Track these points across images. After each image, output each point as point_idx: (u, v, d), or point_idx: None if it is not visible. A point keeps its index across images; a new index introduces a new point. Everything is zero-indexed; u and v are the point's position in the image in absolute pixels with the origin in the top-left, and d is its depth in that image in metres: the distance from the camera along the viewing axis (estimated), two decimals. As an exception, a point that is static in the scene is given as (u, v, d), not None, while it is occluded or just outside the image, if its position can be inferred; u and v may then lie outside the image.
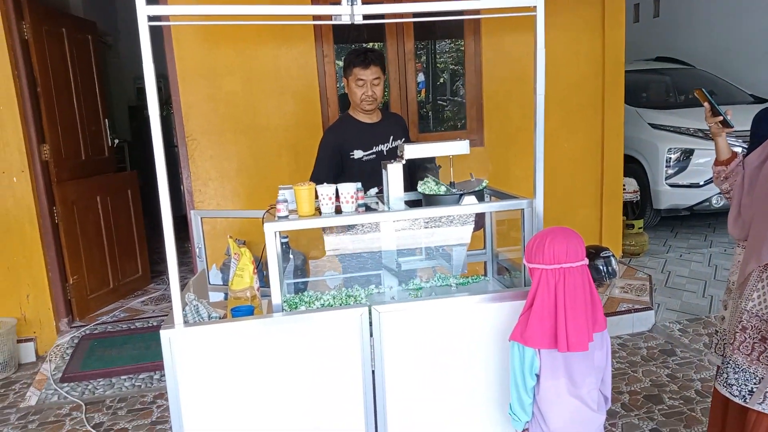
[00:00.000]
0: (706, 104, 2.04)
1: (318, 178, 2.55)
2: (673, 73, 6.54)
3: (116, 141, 4.73)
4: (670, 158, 5.21)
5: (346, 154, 2.64)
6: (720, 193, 5.03)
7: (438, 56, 6.47)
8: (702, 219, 5.82)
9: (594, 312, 1.65)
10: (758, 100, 5.82)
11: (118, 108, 6.82)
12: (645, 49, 7.97)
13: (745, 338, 1.89)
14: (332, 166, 2.62)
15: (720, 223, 5.69)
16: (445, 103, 6.46)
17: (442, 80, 6.50)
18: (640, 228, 4.85)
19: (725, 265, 4.53)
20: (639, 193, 5.18)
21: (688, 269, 4.51)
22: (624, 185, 4.72)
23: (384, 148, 2.69)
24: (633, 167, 5.37)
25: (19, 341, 3.64)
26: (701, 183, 5.12)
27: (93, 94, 4.32)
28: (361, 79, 2.57)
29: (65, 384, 3.28)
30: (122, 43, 6.98)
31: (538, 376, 1.68)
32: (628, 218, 4.88)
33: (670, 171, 5.22)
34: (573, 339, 1.56)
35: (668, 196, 5.24)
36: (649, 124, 5.43)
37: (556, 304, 1.59)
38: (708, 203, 5.12)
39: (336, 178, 2.61)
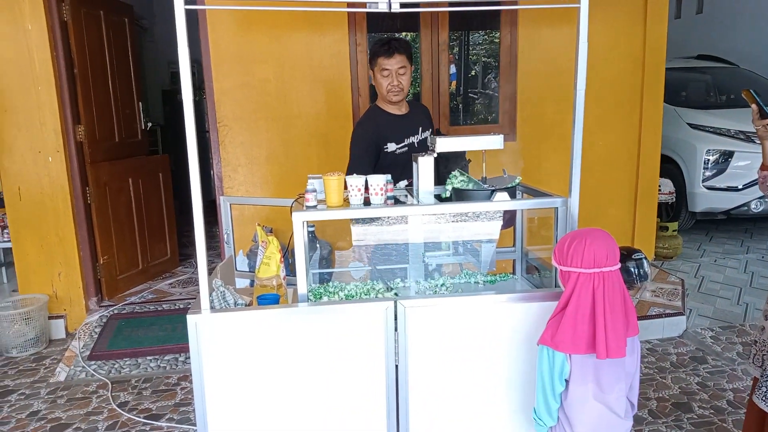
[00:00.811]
0: (753, 106, 1.96)
1: (353, 171, 2.51)
2: (714, 72, 6.32)
3: (149, 124, 4.79)
4: (709, 160, 5.05)
5: (381, 148, 2.60)
6: (760, 198, 4.90)
7: (470, 48, 6.37)
8: (739, 224, 5.64)
9: (627, 316, 1.60)
10: (805, 102, 5.59)
11: (151, 92, 6.91)
12: (686, 47, 7.73)
13: (786, 351, 1.81)
14: (370, 161, 2.57)
15: (758, 229, 5.50)
16: (475, 96, 6.38)
17: (473, 72, 6.41)
18: (674, 230, 4.72)
19: (762, 272, 4.38)
20: (674, 194, 5.03)
21: (723, 275, 4.37)
22: (659, 186, 4.59)
23: (415, 140, 2.65)
24: (669, 168, 5.22)
25: (50, 318, 3.73)
26: (740, 186, 4.95)
27: (128, 77, 4.37)
28: (386, 69, 2.51)
29: (93, 362, 3.35)
30: (157, 26, 7.07)
31: (567, 381, 1.64)
32: (662, 220, 4.76)
33: (708, 173, 5.06)
34: (612, 345, 1.51)
35: (705, 199, 5.08)
36: (687, 123, 5.27)
37: (594, 309, 1.54)
38: (746, 208, 4.96)
39: (378, 172, 2.58)
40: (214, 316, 1.78)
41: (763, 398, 1.87)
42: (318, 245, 3.01)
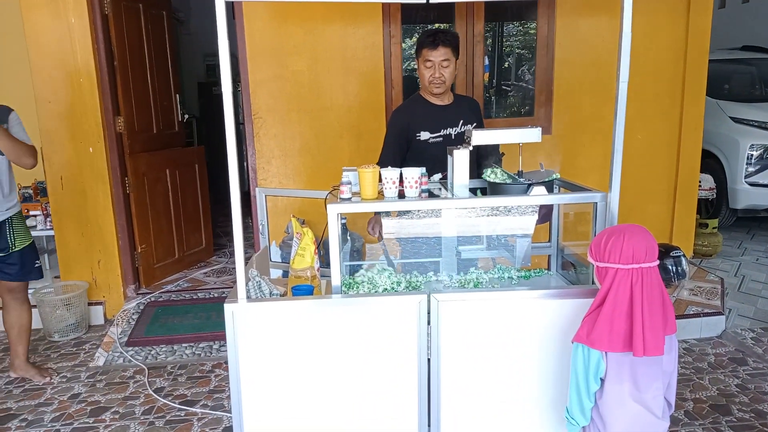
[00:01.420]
0: None
1: (385, 159, 2.54)
2: (760, 64, 6.08)
3: (186, 116, 4.87)
4: (752, 155, 4.88)
5: (412, 135, 2.61)
6: (806, 195, 4.72)
7: (504, 39, 6.28)
8: (783, 221, 5.44)
9: (665, 314, 1.56)
10: None
11: (187, 84, 7.03)
12: (730, 37, 7.46)
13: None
14: (398, 149, 2.60)
15: (803, 227, 5.30)
16: (509, 89, 6.29)
17: (507, 64, 6.32)
18: (714, 228, 4.58)
19: (807, 273, 4.22)
20: (715, 190, 4.88)
21: (765, 274, 4.23)
22: (699, 182, 4.46)
23: (452, 131, 2.64)
24: (710, 163, 5.06)
25: (89, 304, 3.84)
26: (785, 183, 4.78)
27: (166, 69, 4.45)
28: (429, 61, 2.52)
29: (130, 348, 3.45)
30: (193, 19, 7.17)
31: (602, 380, 1.61)
32: (701, 217, 4.62)
33: (751, 169, 4.89)
34: (650, 342, 1.48)
35: (746, 196, 4.91)
36: (730, 117, 5.10)
37: (632, 306, 1.51)
38: (791, 205, 4.79)
39: (402, 160, 2.59)
40: (250, 306, 1.81)
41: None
42: (349, 237, 3.02)
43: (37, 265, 3.03)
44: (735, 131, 5.03)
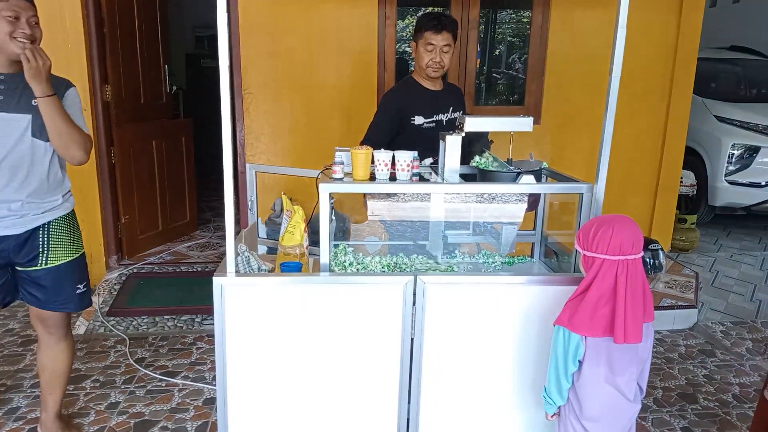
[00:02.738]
0: None
1: (373, 138, 2.53)
2: (746, 65, 6.18)
3: (174, 88, 4.81)
4: (733, 154, 4.99)
5: (406, 119, 2.61)
6: (782, 195, 4.84)
7: (497, 26, 6.27)
8: (758, 220, 5.58)
9: (645, 303, 1.62)
10: (838, 101, 5.48)
11: (175, 55, 6.92)
12: (719, 37, 7.54)
13: (800, 349, 1.82)
14: (389, 129, 2.59)
15: (777, 227, 5.45)
16: (499, 76, 6.30)
17: (498, 52, 6.32)
18: (692, 223, 4.69)
19: (779, 271, 4.36)
20: (695, 187, 4.98)
21: (738, 271, 4.35)
22: (681, 178, 4.55)
23: (444, 117, 2.65)
24: (692, 159, 5.15)
25: (72, 272, 3.80)
26: (763, 183, 4.89)
27: (155, 39, 4.38)
28: (431, 44, 2.50)
29: (111, 318, 3.44)
30: (184, -10, 7.03)
31: (580, 362, 1.67)
32: (680, 212, 4.72)
33: (732, 167, 5.00)
34: (630, 331, 1.54)
35: (726, 194, 5.03)
36: (714, 116, 5.19)
37: (615, 295, 1.56)
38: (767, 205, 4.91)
39: (390, 142, 2.60)
40: (239, 280, 1.83)
41: (773, 394, 1.89)
42: (334, 217, 3.04)
43: (79, 291, 2.17)
44: (718, 130, 5.12)
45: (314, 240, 2.07)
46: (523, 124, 1.98)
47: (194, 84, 7.23)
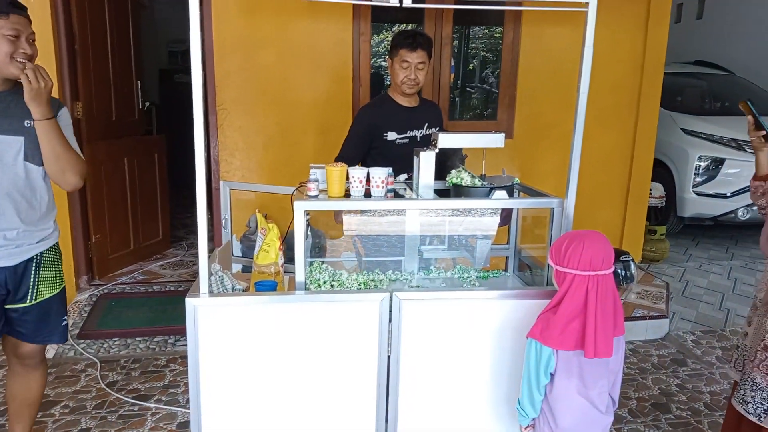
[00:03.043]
0: (749, 117, 2.00)
1: (346, 155, 2.55)
2: (710, 79, 6.39)
3: (146, 104, 4.76)
4: (700, 166, 5.13)
5: (379, 135, 2.63)
6: (747, 206, 4.99)
7: (470, 41, 6.37)
8: (725, 230, 5.73)
9: (616, 317, 1.65)
10: (797, 114, 5.68)
11: (148, 71, 6.86)
12: (684, 52, 7.79)
13: (766, 357, 1.87)
14: (362, 145, 2.62)
15: (743, 236, 5.60)
16: (473, 91, 6.39)
17: (471, 66, 6.42)
18: (662, 234, 4.80)
19: (745, 279, 4.47)
20: (664, 198, 5.10)
21: (707, 280, 4.46)
22: (650, 189, 4.65)
23: (418, 134, 2.68)
24: (660, 172, 5.29)
25: (40, 293, 3.70)
26: (728, 194, 5.04)
27: (127, 55, 4.34)
28: (406, 61, 2.55)
29: (82, 340, 3.36)
30: (157, 5, 6.99)
31: (552, 374, 1.69)
32: (650, 223, 4.83)
33: (699, 179, 5.13)
34: (600, 345, 1.56)
35: (694, 204, 5.16)
36: (681, 129, 5.34)
37: (585, 310, 1.59)
38: (733, 215, 5.04)
39: (364, 157, 2.61)
40: (213, 300, 1.81)
41: (741, 401, 1.93)
42: (309, 233, 3.03)
43: (64, 323, 2.09)
44: (685, 142, 5.27)
45: (290, 257, 2.06)
46: (495, 140, 2.01)
47: (168, 99, 7.17)
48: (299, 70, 3.82)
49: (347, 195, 1.97)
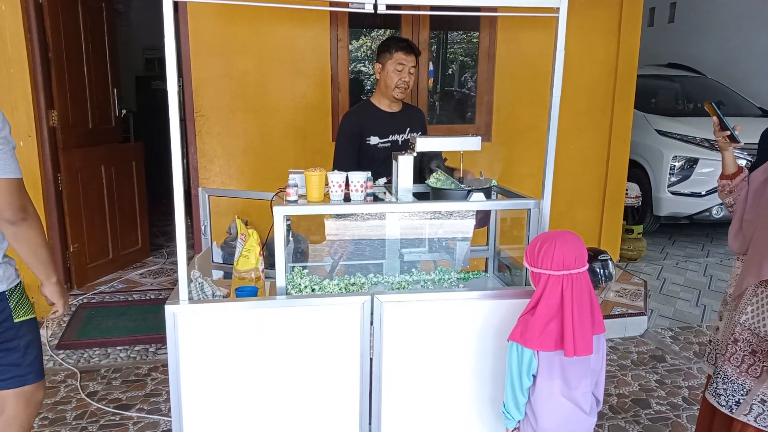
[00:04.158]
0: (714, 118, 2.05)
1: (340, 164, 2.60)
2: (683, 81, 6.54)
3: (123, 111, 4.72)
4: (675, 166, 5.23)
5: (363, 139, 2.67)
6: (720, 204, 5.10)
7: (448, 46, 6.43)
8: (701, 228, 5.86)
9: (593, 315, 1.68)
10: (766, 114, 5.83)
11: (125, 78, 6.80)
12: (657, 55, 7.95)
13: (736, 350, 1.92)
14: (353, 151, 2.66)
15: (718, 234, 5.72)
16: (452, 95, 6.45)
17: (450, 71, 6.48)
18: (639, 233, 4.88)
19: (720, 276, 4.57)
20: (641, 198, 5.20)
21: (684, 277, 4.55)
22: (626, 190, 4.74)
23: (399, 138, 2.71)
24: (636, 172, 5.39)
25: (17, 305, 3.64)
26: (703, 193, 5.15)
27: (103, 62, 4.30)
28: (402, 64, 2.60)
29: (61, 351, 3.31)
30: (133, 11, 6.93)
31: (534, 376, 1.71)
32: (627, 223, 4.91)
33: (674, 178, 5.24)
34: (579, 344, 1.59)
35: (669, 204, 5.27)
36: (656, 130, 5.45)
37: (562, 309, 1.61)
38: (708, 213, 5.16)
39: (358, 162, 2.65)
40: (192, 307, 1.80)
41: (714, 394, 1.97)
42: (291, 238, 3.03)
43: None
44: (660, 143, 5.37)
45: (271, 262, 2.06)
46: (471, 143, 2.04)
47: (145, 107, 7.11)
48: (278, 76, 3.83)
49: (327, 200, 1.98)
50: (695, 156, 5.17)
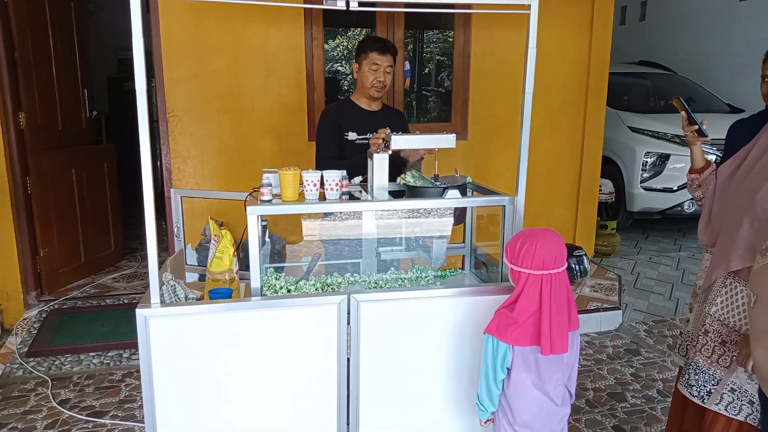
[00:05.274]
0: (683, 113, 2.09)
1: (326, 155, 2.63)
2: (654, 78, 6.65)
3: (94, 113, 4.62)
4: (647, 162, 5.32)
5: (341, 133, 2.68)
6: (692, 199, 5.20)
7: (424, 45, 6.45)
8: (673, 223, 5.97)
9: (570, 313, 1.69)
10: (734, 110, 5.96)
11: (97, 78, 6.67)
12: (629, 52, 8.08)
13: (707, 341, 1.95)
14: (335, 140, 2.67)
15: (690, 228, 5.84)
16: (429, 94, 6.47)
17: (427, 70, 6.49)
18: (613, 229, 4.95)
19: (692, 270, 4.66)
20: (614, 194, 5.27)
21: (657, 272, 4.63)
22: (600, 186, 4.80)
23: None
24: (609, 168, 5.47)
25: (-16, 312, 3.55)
26: (674, 188, 5.25)
27: (73, 62, 4.21)
28: (377, 64, 2.62)
29: (31, 359, 3.23)
30: (104, 10, 6.79)
31: (508, 369, 1.72)
32: (601, 219, 4.98)
33: (646, 174, 5.33)
34: (556, 342, 1.60)
35: (642, 199, 5.35)
36: (628, 126, 5.53)
37: (540, 307, 1.62)
38: (680, 208, 5.26)
39: (342, 153, 2.65)
40: (165, 310, 1.76)
41: (686, 385, 2.01)
42: (268, 239, 3.00)
43: None
44: (632, 139, 5.46)
45: (247, 263, 2.04)
46: (446, 140, 2.04)
47: (117, 108, 6.98)
48: (252, 75, 3.78)
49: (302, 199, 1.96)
50: (667, 152, 5.27)
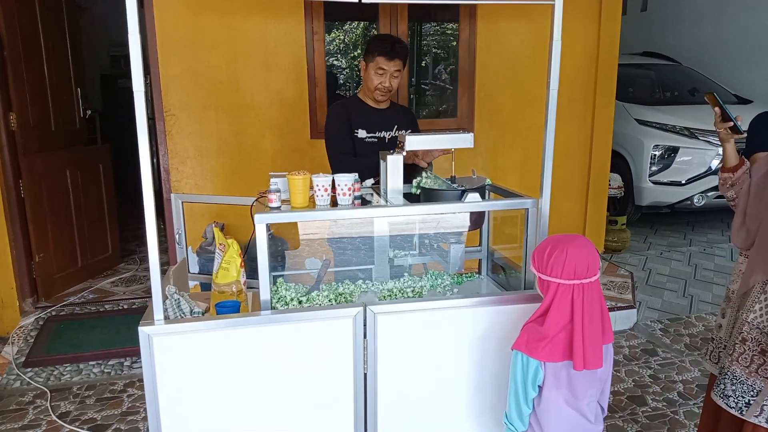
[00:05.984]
0: (716, 109, 1.98)
1: (338, 150, 2.54)
2: (658, 69, 6.53)
3: (88, 112, 4.48)
4: (655, 155, 5.22)
5: (351, 130, 2.59)
6: (701, 193, 5.10)
7: (422, 39, 6.32)
8: (682, 217, 5.86)
9: (603, 325, 1.58)
10: (741, 101, 5.85)
11: (89, 76, 6.51)
12: (632, 44, 7.93)
13: (745, 350, 1.85)
14: (347, 136, 2.57)
15: (699, 222, 5.74)
16: (427, 87, 6.34)
17: (424, 63, 6.37)
18: (622, 224, 4.85)
19: (705, 265, 4.56)
20: (623, 188, 5.17)
21: (669, 267, 4.53)
22: (609, 181, 4.69)
23: (386, 135, 2.64)
24: (617, 162, 5.35)
25: (-22, 321, 3.42)
26: (683, 181, 5.14)
27: (65, 60, 4.06)
28: (383, 69, 2.51)
29: (29, 369, 3.11)
30: (97, 7, 6.63)
31: (540, 386, 1.61)
32: (610, 214, 4.87)
33: (654, 168, 5.22)
34: (589, 357, 1.49)
35: (650, 193, 5.25)
36: (635, 119, 5.42)
37: (572, 320, 1.51)
38: (689, 202, 5.16)
39: (354, 148, 2.57)
40: (169, 328, 1.65)
41: (721, 395, 1.90)
42: (273, 242, 2.89)
43: None
44: (639, 132, 5.35)
45: (253, 267, 1.92)
46: (464, 140, 1.93)
47: (112, 106, 6.83)
48: (251, 71, 3.65)
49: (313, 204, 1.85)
50: (675, 144, 5.16)
